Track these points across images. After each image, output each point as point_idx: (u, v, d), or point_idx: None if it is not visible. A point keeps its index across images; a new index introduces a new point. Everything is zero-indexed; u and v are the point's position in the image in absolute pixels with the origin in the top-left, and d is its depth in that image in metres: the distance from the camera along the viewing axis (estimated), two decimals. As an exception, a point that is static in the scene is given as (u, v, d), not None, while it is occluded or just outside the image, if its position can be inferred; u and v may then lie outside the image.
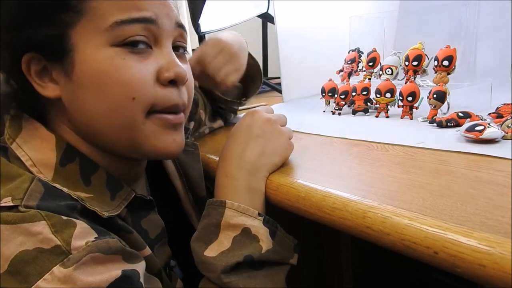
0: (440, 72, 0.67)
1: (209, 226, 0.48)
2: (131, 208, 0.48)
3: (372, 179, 0.44)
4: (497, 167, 0.43)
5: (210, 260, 0.46)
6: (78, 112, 0.45)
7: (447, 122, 0.60)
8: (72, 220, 0.38)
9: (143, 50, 0.44)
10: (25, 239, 0.36)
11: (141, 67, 0.43)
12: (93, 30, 0.42)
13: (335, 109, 0.81)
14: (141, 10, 0.43)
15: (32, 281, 0.35)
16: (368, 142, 0.58)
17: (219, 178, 0.51)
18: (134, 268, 0.40)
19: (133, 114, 0.44)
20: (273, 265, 0.48)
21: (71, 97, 0.44)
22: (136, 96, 0.43)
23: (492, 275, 0.28)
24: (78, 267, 0.36)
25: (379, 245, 0.36)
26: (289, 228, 0.50)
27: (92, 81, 0.42)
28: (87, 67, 0.42)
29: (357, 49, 0.89)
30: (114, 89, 0.42)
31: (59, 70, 0.43)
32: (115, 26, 0.42)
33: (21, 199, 0.38)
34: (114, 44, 0.42)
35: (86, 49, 0.42)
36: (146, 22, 0.43)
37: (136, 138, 0.45)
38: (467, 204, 0.35)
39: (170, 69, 0.45)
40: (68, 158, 0.44)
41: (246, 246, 0.46)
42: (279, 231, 0.48)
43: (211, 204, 0.49)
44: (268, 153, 0.51)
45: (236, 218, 0.47)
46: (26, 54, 0.43)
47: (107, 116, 0.44)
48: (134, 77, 0.43)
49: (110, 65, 0.42)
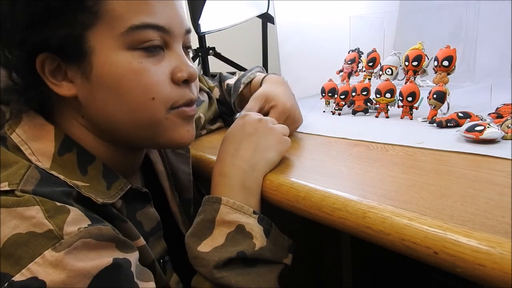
0: (440, 72, 0.67)
1: (204, 221, 0.48)
2: (127, 200, 0.49)
3: (372, 179, 0.44)
4: (497, 167, 0.43)
5: (203, 255, 0.46)
6: (96, 110, 0.46)
7: (447, 122, 0.60)
8: (65, 207, 0.39)
9: (157, 53, 0.46)
10: (18, 222, 0.37)
11: (157, 69, 0.45)
12: (110, 33, 0.43)
13: (335, 109, 0.81)
14: (155, 17, 0.44)
15: (24, 264, 0.35)
16: (368, 142, 0.58)
17: (214, 177, 0.52)
18: (126, 257, 0.41)
19: (155, 111, 0.46)
20: (266, 263, 0.48)
21: (89, 97, 0.45)
22: (155, 96, 0.45)
23: (492, 275, 0.28)
24: (70, 252, 0.36)
25: (379, 245, 0.36)
26: (289, 228, 0.50)
27: (110, 84, 0.44)
28: (105, 70, 0.44)
29: (357, 49, 0.89)
30: (134, 91, 0.45)
31: (75, 71, 0.44)
32: (130, 31, 0.43)
33: (17, 184, 0.39)
34: (130, 48, 0.44)
35: (103, 52, 0.43)
36: (160, 30, 0.45)
37: (156, 131, 0.48)
38: (467, 204, 0.35)
39: (183, 70, 0.47)
40: (66, 148, 0.45)
41: (239, 243, 0.46)
42: (274, 230, 0.49)
43: (207, 201, 0.49)
44: (262, 149, 0.52)
45: (231, 215, 0.47)
46: (42, 53, 0.43)
47: (128, 115, 0.46)
48: (152, 79, 0.45)
49: (128, 69, 0.44)
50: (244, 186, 0.50)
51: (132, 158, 0.54)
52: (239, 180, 0.50)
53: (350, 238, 1.09)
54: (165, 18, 0.45)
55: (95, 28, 0.43)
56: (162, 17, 0.45)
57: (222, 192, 0.50)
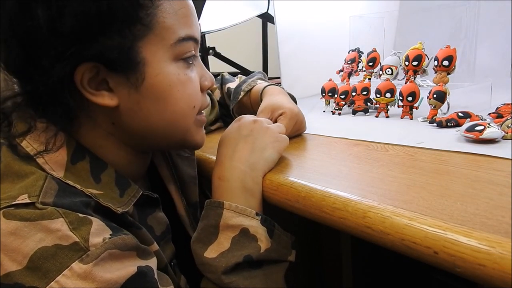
0: (440, 72, 0.67)
1: (208, 227, 0.48)
2: (137, 206, 0.49)
3: (372, 179, 0.44)
4: (497, 167, 0.43)
5: (210, 261, 0.47)
6: (137, 119, 0.46)
7: (447, 122, 0.60)
8: (87, 217, 0.39)
9: (192, 63, 0.49)
10: (44, 235, 0.37)
11: (194, 79, 0.49)
12: (161, 44, 0.44)
13: (335, 109, 0.81)
14: (193, 29, 0.47)
15: (52, 277, 0.35)
16: (368, 142, 0.58)
17: (214, 181, 0.52)
18: (148, 264, 0.41)
19: (191, 118, 0.50)
20: (272, 263, 0.48)
21: (134, 106, 0.45)
22: (196, 105, 0.49)
23: (492, 275, 0.28)
24: (97, 263, 0.37)
25: (379, 245, 0.36)
26: (289, 228, 0.50)
27: (161, 94, 0.46)
28: (157, 81, 0.45)
29: (357, 49, 0.89)
30: (182, 101, 0.47)
31: (121, 81, 0.43)
32: (178, 42, 0.45)
33: (37, 196, 0.39)
34: (176, 59, 0.46)
35: (156, 63, 0.44)
36: (195, 41, 0.48)
37: (185, 136, 0.51)
38: (467, 204, 0.35)
39: (208, 78, 0.52)
40: (79, 156, 0.45)
41: (245, 246, 0.47)
42: (277, 229, 0.49)
43: (209, 205, 0.49)
44: (259, 149, 0.52)
45: (235, 219, 0.47)
46: (83, 63, 0.41)
47: (169, 122, 0.48)
48: (194, 89, 0.49)
49: (178, 80, 0.46)
50: (245, 188, 0.50)
51: (143, 162, 0.54)
52: (239, 182, 0.50)
53: (350, 238, 1.09)
54: (196, 31, 0.48)
55: (146, 39, 0.43)
56: (196, 30, 0.48)
57: (223, 196, 0.49)
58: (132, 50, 0.42)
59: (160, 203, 0.53)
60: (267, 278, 0.47)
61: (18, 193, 0.39)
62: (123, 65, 0.43)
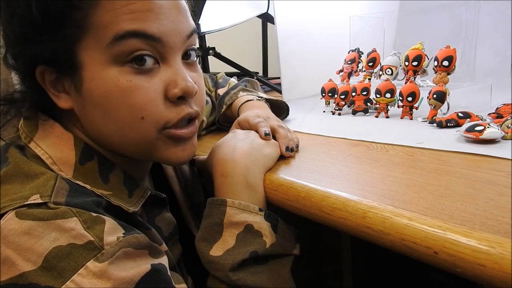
0: (440, 72, 0.67)
1: (212, 225, 0.48)
2: (145, 206, 0.49)
3: (372, 179, 0.44)
4: (497, 167, 0.43)
5: (217, 259, 0.47)
6: (88, 124, 0.45)
7: (447, 122, 0.60)
8: (101, 217, 0.39)
9: (150, 68, 0.42)
10: (58, 235, 0.37)
11: (149, 87, 0.42)
12: (97, 46, 0.41)
13: (335, 109, 0.81)
14: (142, 24, 0.41)
15: (68, 276, 0.35)
16: (368, 142, 0.58)
17: (216, 178, 0.51)
18: (160, 262, 0.41)
19: (144, 131, 0.43)
20: (278, 258, 0.49)
21: (82, 110, 0.44)
22: (145, 116, 0.43)
23: (492, 275, 0.28)
24: (112, 262, 0.37)
25: (379, 245, 0.36)
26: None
27: (99, 101, 0.42)
28: (93, 86, 0.42)
29: (357, 49, 0.89)
30: (121, 111, 0.42)
31: (70, 83, 0.44)
32: (114, 42, 0.40)
33: (49, 196, 0.39)
34: (119, 62, 0.41)
35: (92, 68, 0.42)
36: (148, 38, 0.41)
37: (149, 150, 0.46)
38: (467, 204, 0.35)
39: (178, 86, 0.43)
40: (87, 156, 0.45)
41: (250, 242, 0.47)
42: (281, 223, 0.49)
43: (211, 203, 0.49)
44: (258, 146, 0.52)
45: (238, 216, 0.47)
46: (39, 66, 0.43)
47: (117, 132, 0.44)
48: (141, 98, 0.42)
49: (115, 87, 0.41)
50: (248, 183, 0.49)
51: (140, 165, 0.53)
52: (242, 178, 0.49)
53: (350, 238, 1.09)
54: (156, 26, 0.41)
55: (83, 42, 0.41)
56: (152, 25, 0.41)
57: (227, 193, 0.49)
58: (72, 53, 0.42)
59: (167, 204, 0.53)
60: (273, 273, 0.47)
61: (30, 193, 0.39)
62: (67, 68, 0.42)
